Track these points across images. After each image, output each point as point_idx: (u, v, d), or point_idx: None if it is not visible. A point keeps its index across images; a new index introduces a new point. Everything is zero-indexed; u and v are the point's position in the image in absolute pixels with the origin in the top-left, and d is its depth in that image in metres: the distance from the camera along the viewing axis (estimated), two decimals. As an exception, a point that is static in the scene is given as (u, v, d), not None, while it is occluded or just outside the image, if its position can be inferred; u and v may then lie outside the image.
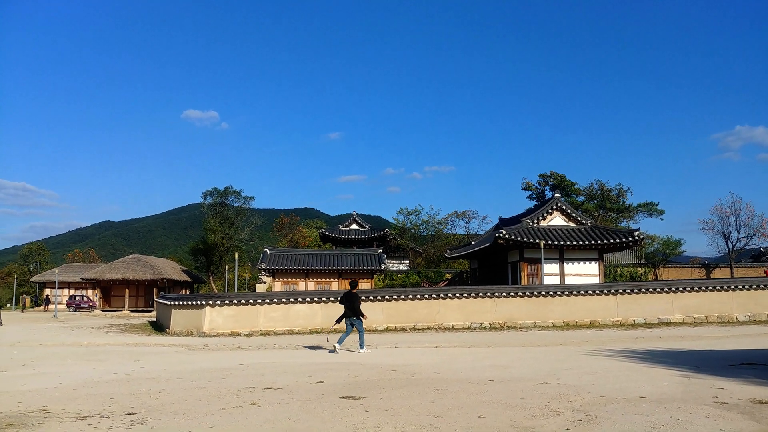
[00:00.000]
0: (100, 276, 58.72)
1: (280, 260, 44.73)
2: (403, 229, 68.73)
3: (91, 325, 36.97)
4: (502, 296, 27.09)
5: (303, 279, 44.64)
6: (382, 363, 14.15)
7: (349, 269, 44.09)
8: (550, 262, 36.11)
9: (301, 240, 78.01)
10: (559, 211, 38.44)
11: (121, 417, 8.36)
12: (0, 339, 25.64)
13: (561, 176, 65.85)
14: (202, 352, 18.74)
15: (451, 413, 8.21)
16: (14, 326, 35.70)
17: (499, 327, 26.33)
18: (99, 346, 21.78)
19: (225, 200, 61.92)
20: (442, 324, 26.46)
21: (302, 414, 8.32)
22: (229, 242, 60.00)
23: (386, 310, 26.53)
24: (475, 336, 22.71)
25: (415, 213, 70.71)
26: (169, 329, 28.77)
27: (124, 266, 59.70)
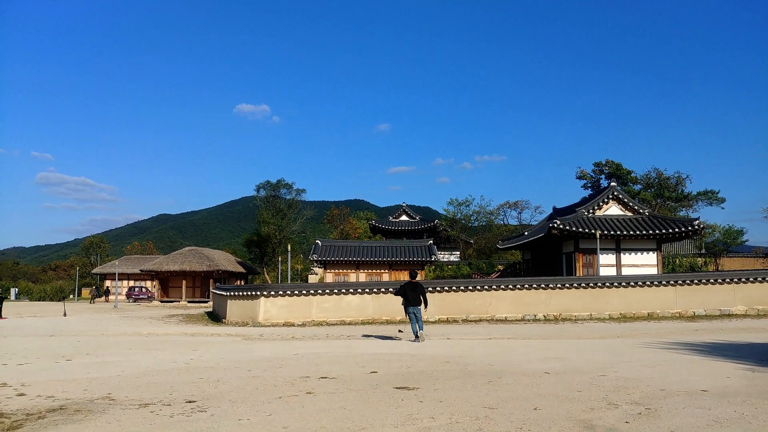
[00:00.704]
0: (158, 268, 60.35)
1: (332, 252, 45.11)
2: (454, 220, 68.31)
3: (150, 315, 38.06)
4: (557, 288, 26.72)
5: (354, 270, 44.93)
6: (435, 354, 14.16)
7: (399, 260, 44.16)
8: (606, 253, 35.42)
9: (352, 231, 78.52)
10: (616, 200, 37.63)
11: (181, 405, 8.60)
12: (64, 329, 26.64)
13: (617, 164, 64.37)
14: (258, 341, 19.09)
15: (506, 405, 8.16)
16: (77, 317, 37.04)
17: (553, 319, 25.99)
18: (158, 336, 22.41)
19: (277, 193, 62.80)
20: (494, 316, 26.27)
21: (357, 403, 8.40)
22: (281, 234, 60.85)
23: (438, 301, 26.47)
24: (529, 328, 22.47)
25: (465, 203, 70.21)
26: (225, 319, 29.38)
27: (181, 258, 61.19)
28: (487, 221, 71.87)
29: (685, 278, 27.34)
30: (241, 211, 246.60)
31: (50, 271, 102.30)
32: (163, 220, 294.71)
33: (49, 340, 20.68)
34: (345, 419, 7.46)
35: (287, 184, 63.12)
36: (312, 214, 70.38)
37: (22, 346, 18.21)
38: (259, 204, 64.47)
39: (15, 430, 7.13)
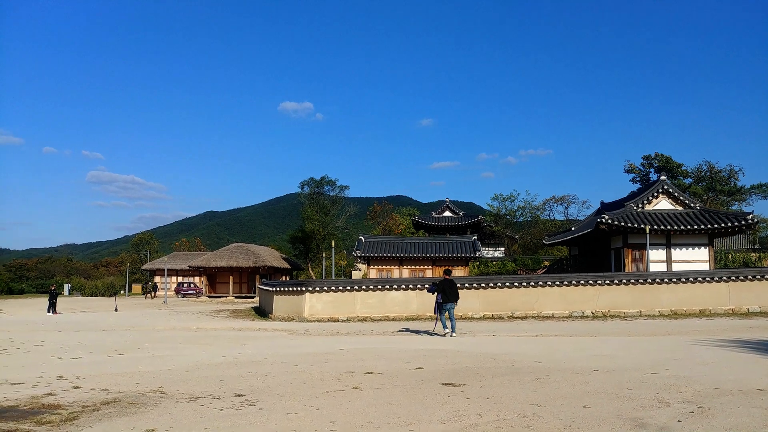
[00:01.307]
0: (205, 264, 61.45)
1: (375, 248, 45.23)
2: (498, 216, 67.74)
3: (199, 310, 38.79)
4: (605, 284, 26.24)
5: (397, 266, 44.96)
6: (481, 351, 14.07)
7: (442, 256, 44.01)
8: (655, 248, 34.64)
9: (395, 227, 78.56)
10: (666, 195, 36.74)
11: (231, 398, 8.74)
12: (116, 324, 27.37)
13: (666, 158, 62.87)
14: (304, 336, 19.27)
15: (554, 402, 8.06)
16: (128, 312, 38.01)
17: (601, 316, 25.54)
18: (207, 331, 22.82)
19: (321, 189, 63.26)
20: (541, 312, 25.96)
21: (403, 399, 8.40)
22: (325, 230, 61.28)
23: (483, 298, 26.30)
24: (577, 325, 22.14)
25: (510, 199, 69.55)
26: (272, 314, 29.75)
27: (228, 254, 62.16)
28: (532, 216, 71.04)
29: (738, 274, 26.53)
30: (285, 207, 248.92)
31: (101, 267, 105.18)
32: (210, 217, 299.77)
33: (102, 335, 21.27)
34: (392, 414, 7.47)
35: (331, 181, 63.57)
36: (355, 211, 70.68)
37: (76, 341, 18.77)
38: (304, 201, 65.07)
39: (71, 422, 7.35)
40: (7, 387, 10.01)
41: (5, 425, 7.19)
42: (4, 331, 22.79)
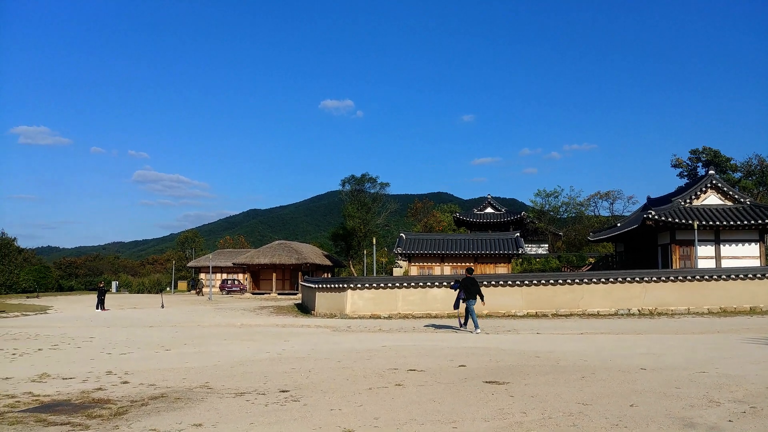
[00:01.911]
0: (249, 261, 62.30)
1: (416, 245, 45.16)
2: (541, 212, 66.87)
3: (243, 307, 39.34)
4: (652, 281, 25.70)
5: (438, 263, 44.81)
6: (525, 349, 13.92)
7: (484, 253, 43.69)
8: (704, 244, 33.79)
9: (436, 224, 78.36)
10: (714, 189, 35.80)
11: (275, 394, 8.83)
12: (163, 320, 27.93)
13: (715, 151, 61.25)
14: (346, 333, 19.36)
15: (600, 401, 7.93)
16: (174, 308, 38.76)
17: (648, 313, 25.03)
18: (251, 327, 23.11)
19: (362, 187, 63.42)
20: (586, 310, 25.56)
21: (447, 396, 8.36)
22: (366, 227, 61.45)
23: (526, 295, 26.03)
24: (623, 323, 21.74)
25: (554, 194, 68.53)
26: (314, 311, 29.98)
27: (271, 251, 62.91)
28: (576, 213, 69.98)
29: (792, 271, 25.70)
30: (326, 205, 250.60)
31: (148, 264, 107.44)
32: (253, 215, 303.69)
33: (149, 331, 21.74)
34: (435, 412, 7.44)
35: (371, 178, 63.68)
36: (396, 208, 70.64)
37: (124, 337, 19.22)
38: (345, 198, 65.35)
39: (121, 416, 7.52)
40: (59, 381, 10.31)
41: (58, 418, 7.40)
42: (55, 327, 23.47)
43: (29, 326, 24.17)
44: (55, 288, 76.67)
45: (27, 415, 7.59)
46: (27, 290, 69.20)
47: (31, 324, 25.54)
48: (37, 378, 10.71)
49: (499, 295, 26.05)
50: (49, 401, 8.56)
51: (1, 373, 11.33)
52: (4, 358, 13.82)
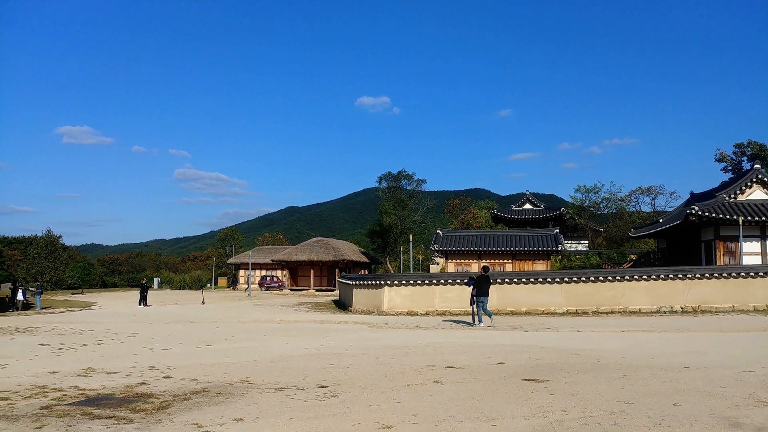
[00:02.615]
0: (287, 258, 62.91)
1: (453, 241, 44.99)
2: (581, 208, 66.02)
3: (281, 303, 39.73)
4: (695, 278, 25.13)
5: (476, 260, 44.55)
6: (565, 347, 13.75)
7: (523, 250, 43.29)
8: (749, 240, 32.93)
9: (473, 221, 77.96)
10: (760, 184, 34.85)
11: (314, 389, 8.89)
12: (203, 316, 28.38)
13: (760, 145, 59.60)
14: (383, 330, 19.39)
15: (642, 400, 7.80)
16: (214, 304, 39.34)
17: (691, 311, 24.49)
18: (290, 323, 23.33)
19: (398, 184, 63.45)
20: (627, 307, 25.14)
21: (485, 394, 8.31)
22: (403, 224, 61.47)
23: (566, 292, 25.71)
24: (665, 320, 21.31)
25: (594, 190, 67.60)
26: (351, 307, 30.12)
27: (309, 248, 63.40)
28: (617, 208, 68.86)
29: (844, 268, 24.86)
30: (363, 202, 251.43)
31: (189, 261, 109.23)
32: (290, 212, 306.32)
33: (190, 327, 22.11)
34: (474, 409, 7.40)
35: (408, 175, 63.68)
36: (432, 204, 70.50)
37: (167, 332, 19.58)
38: (381, 195, 65.48)
39: (164, 410, 7.65)
40: (104, 376, 10.55)
41: (103, 412, 7.57)
42: (99, 323, 24.04)
43: (74, 322, 24.80)
44: (98, 284, 78.50)
45: (74, 409, 7.79)
46: (72, 287, 71.00)
47: (76, 320, 26.21)
48: (83, 372, 10.97)
49: (538, 293, 25.79)
50: (95, 395, 8.77)
51: (49, 367, 11.65)
52: (51, 353, 14.21)
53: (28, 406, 8.00)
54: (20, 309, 34.20)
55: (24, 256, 71.66)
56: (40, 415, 7.48)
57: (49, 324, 23.51)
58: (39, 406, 7.98)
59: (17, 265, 66.73)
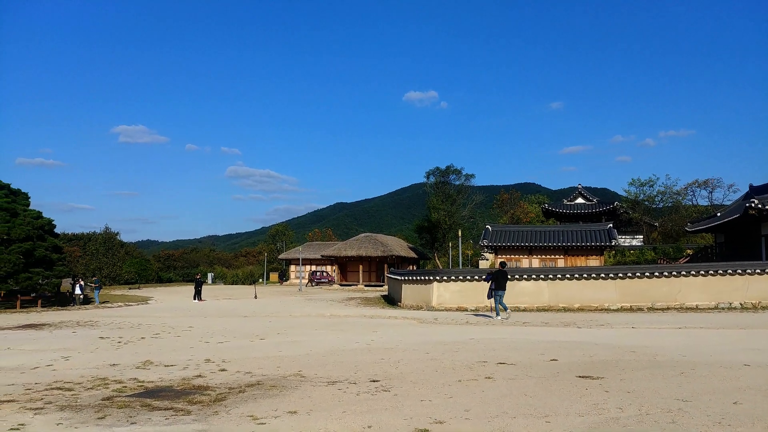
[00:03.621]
0: (336, 253, 63.37)
1: (502, 237, 44.55)
2: (635, 202, 64.44)
3: (331, 298, 40.05)
4: (755, 273, 24.29)
5: (526, 256, 44.03)
6: (619, 343, 13.49)
7: (575, 245, 42.58)
8: (813, 235, 31.63)
9: (523, 216, 77.10)
10: (825, 176, 33.44)
11: (366, 383, 8.96)
12: (256, 310, 28.83)
13: (825, 136, 57.13)
14: (433, 325, 19.37)
15: (701, 398, 7.60)
16: (266, 299, 39.90)
17: (751, 307, 23.71)
18: (340, 318, 23.52)
19: (447, 179, 63.14)
20: (683, 304, 24.48)
21: (538, 390, 8.23)
22: (451, 220, 61.18)
23: (620, 288, 25.20)
24: (724, 317, 20.69)
25: (648, 183, 65.82)
26: (400, 303, 30.16)
27: (358, 244, 63.72)
28: (673, 202, 66.98)
29: None
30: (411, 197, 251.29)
31: (241, 257, 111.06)
32: (339, 208, 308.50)
33: (244, 321, 22.50)
34: (527, 405, 7.34)
35: (456, 170, 63.30)
36: (481, 199, 69.96)
37: (221, 326, 19.98)
38: (429, 190, 65.29)
39: (220, 402, 7.83)
40: (162, 369, 10.84)
41: (161, 403, 7.79)
42: (156, 317, 24.68)
43: (132, 316, 25.54)
44: (154, 279, 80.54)
45: (133, 400, 8.04)
46: (129, 282, 73.06)
47: (134, 314, 26.98)
48: (141, 365, 11.30)
49: (592, 289, 25.36)
50: (153, 387, 9.02)
51: (109, 360, 12.04)
52: (110, 346, 14.67)
53: (91, 397, 8.29)
54: (80, 303, 35.38)
55: (83, 253, 74.00)
56: (102, 405, 7.74)
57: (108, 318, 24.28)
58: (101, 397, 8.26)
59: (77, 261, 68.95)
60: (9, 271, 32.38)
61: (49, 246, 36.04)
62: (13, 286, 33.94)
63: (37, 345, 15.01)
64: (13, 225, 33.21)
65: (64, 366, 11.33)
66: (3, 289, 34.29)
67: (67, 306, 34.00)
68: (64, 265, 38.30)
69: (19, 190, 37.76)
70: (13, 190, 37.29)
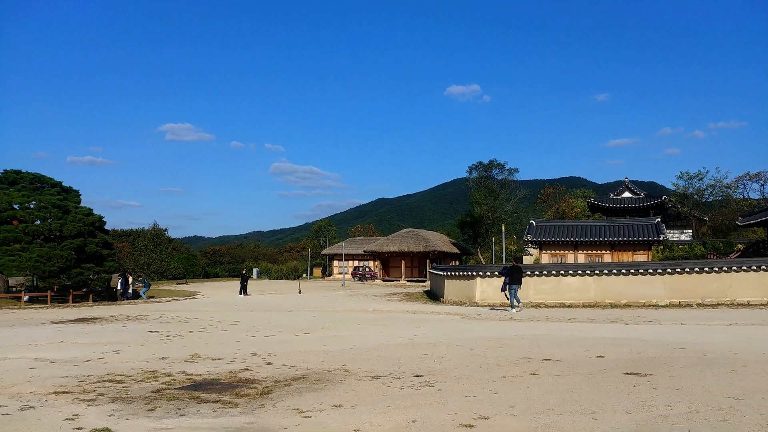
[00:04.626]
0: (379, 249, 63.59)
1: (547, 232, 44.02)
2: (684, 196, 62.83)
3: (374, 293, 40.20)
4: (811, 269, 23.53)
5: (572, 251, 43.44)
6: (668, 340, 13.22)
7: (622, 240, 41.81)
8: None
9: (568, 211, 75.80)
10: None
11: (410, 378, 8.99)
12: (300, 305, 29.14)
13: None
14: (476, 321, 19.29)
15: (753, 396, 7.43)
16: (310, 294, 40.29)
17: (807, 304, 22.96)
18: (383, 313, 23.60)
19: (489, 173, 62.74)
20: (734, 300, 23.84)
21: (585, 387, 8.13)
22: (494, 215, 60.76)
23: (668, 284, 24.67)
24: (777, 313, 20.07)
25: (698, 177, 64.03)
26: (443, 298, 30.10)
27: (400, 239, 63.82)
28: (723, 196, 65.02)
29: None
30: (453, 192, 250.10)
31: (285, 252, 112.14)
32: (381, 203, 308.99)
33: (288, 315, 22.78)
34: (573, 402, 7.26)
35: (499, 164, 62.85)
36: (525, 194, 69.23)
37: (266, 321, 20.26)
38: (472, 185, 64.94)
39: (266, 396, 7.96)
40: (209, 362, 11.05)
41: (209, 396, 7.95)
42: (203, 311, 25.16)
43: (180, 310, 26.08)
44: (201, 275, 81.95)
45: (182, 393, 8.22)
46: (177, 277, 74.52)
47: (182, 308, 27.54)
48: (189, 358, 11.54)
49: (639, 284, 24.90)
50: (201, 380, 9.21)
51: (158, 353, 12.33)
52: (159, 340, 15.02)
53: (141, 390, 8.51)
54: (130, 298, 36.29)
55: (132, 248, 75.80)
56: (152, 398, 7.94)
57: (156, 312, 24.85)
58: (150, 390, 8.47)
59: (126, 256, 70.67)
60: (61, 267, 33.41)
61: (100, 242, 37.06)
62: (65, 281, 35.03)
63: (89, 338, 15.45)
64: (65, 222, 34.24)
65: (115, 359, 11.64)
66: (56, 284, 35.44)
67: (117, 301, 34.91)
68: (114, 261, 39.36)
69: (70, 188, 38.93)
70: (65, 187, 38.45)
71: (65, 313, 25.13)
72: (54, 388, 8.69)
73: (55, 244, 33.63)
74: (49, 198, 35.19)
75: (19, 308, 29.41)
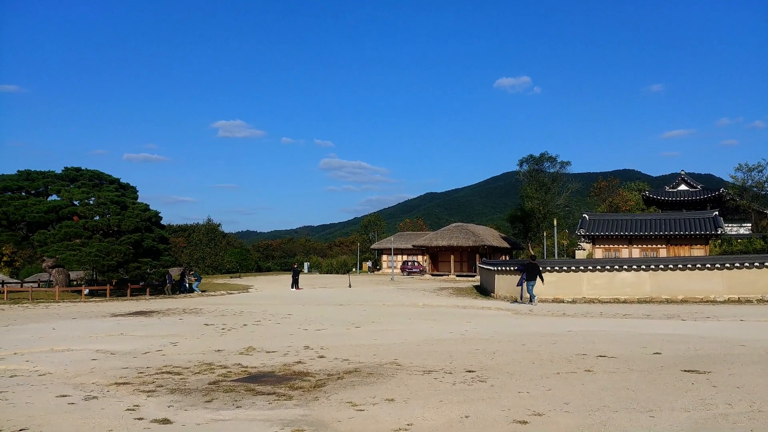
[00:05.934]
0: (428, 243, 63.45)
1: (600, 226, 43.16)
2: (743, 188, 60.74)
3: (423, 288, 40.16)
4: None
5: (626, 245, 42.50)
6: (727, 337, 12.85)
7: (678, 234, 40.70)
8: None
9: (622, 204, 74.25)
10: None
11: (462, 373, 8.98)
12: (350, 299, 29.34)
13: None
14: (528, 316, 19.10)
15: (821, 397, 7.15)
16: (360, 288, 40.51)
17: None
18: (433, 307, 23.59)
19: (540, 167, 61.94)
20: (798, 295, 22.98)
21: (641, 384, 7.99)
22: (545, 208, 59.96)
23: (726, 279, 23.92)
24: None
25: (757, 168, 61.70)
26: (494, 293, 29.86)
27: (449, 234, 63.54)
28: (785, 188, 62.75)
29: None
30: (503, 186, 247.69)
31: (335, 247, 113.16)
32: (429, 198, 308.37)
33: (339, 309, 22.97)
34: (629, 399, 7.15)
35: (551, 157, 61.99)
36: (577, 187, 68.09)
37: (318, 314, 20.49)
38: (522, 179, 64.21)
39: (319, 389, 8.07)
40: (264, 355, 11.26)
41: (264, 388, 8.12)
42: (257, 305, 25.59)
43: (234, 304, 26.60)
44: (254, 269, 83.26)
45: (238, 385, 8.41)
46: (230, 271, 75.93)
47: (236, 302, 28.08)
48: (244, 351, 11.78)
49: (696, 280, 24.22)
50: (256, 372, 9.40)
51: (214, 346, 12.62)
52: (215, 333, 15.36)
53: (198, 381, 8.74)
54: (186, 292, 37.17)
55: (187, 243, 77.59)
56: (209, 389, 8.15)
57: (212, 306, 25.40)
58: (207, 382, 8.69)
59: (181, 251, 72.41)
60: (120, 261, 34.45)
61: (156, 237, 38.07)
62: (123, 275, 36.10)
63: (147, 331, 15.91)
64: (123, 217, 35.29)
65: (172, 351, 11.96)
66: (114, 278, 36.57)
67: (173, 295, 35.82)
68: (170, 255, 40.36)
69: (127, 184, 40.09)
70: (122, 184, 39.61)
71: (123, 306, 25.90)
72: (115, 379, 9.00)
73: (113, 239, 34.69)
74: (107, 194, 36.32)
75: (80, 301, 30.48)
